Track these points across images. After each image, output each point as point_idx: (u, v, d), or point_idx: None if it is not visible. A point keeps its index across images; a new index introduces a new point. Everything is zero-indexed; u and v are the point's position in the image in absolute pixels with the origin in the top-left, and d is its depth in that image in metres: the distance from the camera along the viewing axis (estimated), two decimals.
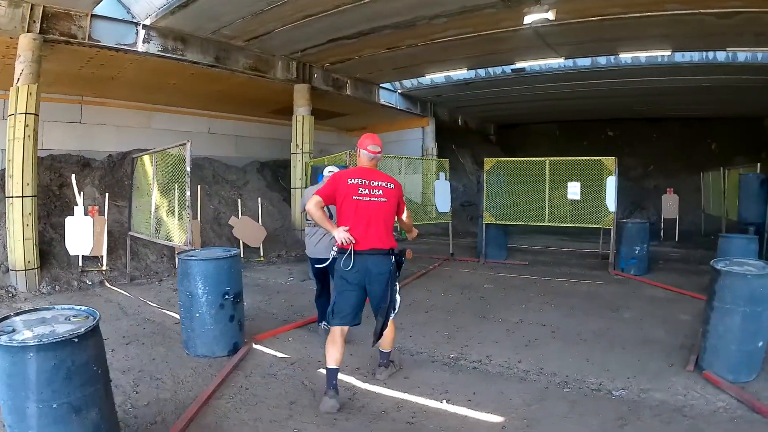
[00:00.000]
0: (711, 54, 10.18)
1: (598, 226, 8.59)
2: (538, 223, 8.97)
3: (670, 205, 12.13)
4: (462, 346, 4.59)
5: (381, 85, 13.42)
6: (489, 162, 9.23)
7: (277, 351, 4.44)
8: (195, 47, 8.64)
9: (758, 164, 9.07)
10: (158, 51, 8.14)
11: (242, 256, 8.36)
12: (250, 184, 11.87)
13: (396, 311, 3.42)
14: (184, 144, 5.19)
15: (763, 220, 8.07)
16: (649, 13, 7.40)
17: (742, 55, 10.04)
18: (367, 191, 3.29)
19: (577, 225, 8.65)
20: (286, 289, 7.01)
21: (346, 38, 9.05)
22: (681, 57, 10.37)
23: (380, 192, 3.32)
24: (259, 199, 10.43)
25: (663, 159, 17.26)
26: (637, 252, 8.03)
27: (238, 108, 12.84)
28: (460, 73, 12.37)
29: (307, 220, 4.71)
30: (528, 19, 7.17)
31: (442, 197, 9.47)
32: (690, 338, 4.69)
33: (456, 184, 15.28)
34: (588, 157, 8.51)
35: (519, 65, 11.31)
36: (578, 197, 8.49)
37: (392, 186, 3.40)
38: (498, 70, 12.24)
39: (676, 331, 4.98)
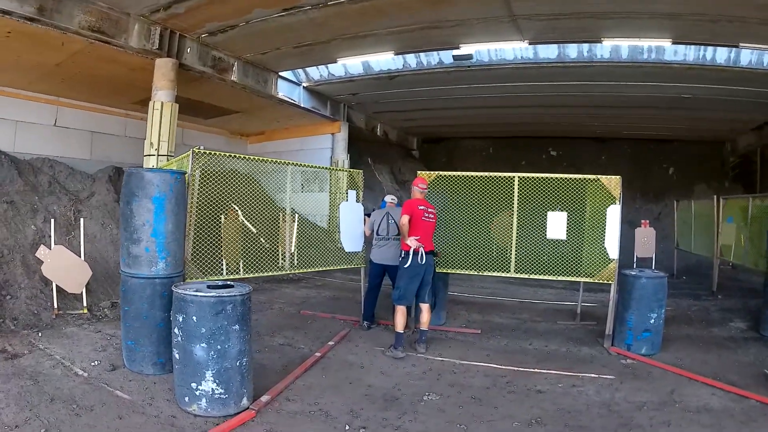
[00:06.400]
0: (710, 52, 7.95)
1: (592, 281, 5.71)
2: (500, 274, 5.95)
3: (644, 240, 9.67)
4: None
5: (280, 73, 10.16)
6: (426, 177, 5.94)
7: None
8: None
9: None
10: None
11: (55, 306, 5.59)
12: (96, 197, 8.24)
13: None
14: None
15: None
16: None
17: (746, 58, 7.96)
18: (427, 214, 5.12)
19: (560, 278, 5.73)
20: (71, 393, 3.62)
21: None
22: (673, 55, 8.07)
23: (432, 216, 5.20)
24: (83, 221, 6.63)
25: None
26: (652, 321, 5.24)
27: (93, 94, 9.53)
28: (384, 60, 9.46)
29: (377, 234, 5.77)
30: None
31: (350, 228, 6.02)
32: None
33: (372, 206, 12.26)
34: (578, 175, 5.69)
35: (465, 50, 8.46)
36: (564, 236, 5.66)
37: (435, 211, 5.27)
38: (434, 59, 9.38)
39: None
